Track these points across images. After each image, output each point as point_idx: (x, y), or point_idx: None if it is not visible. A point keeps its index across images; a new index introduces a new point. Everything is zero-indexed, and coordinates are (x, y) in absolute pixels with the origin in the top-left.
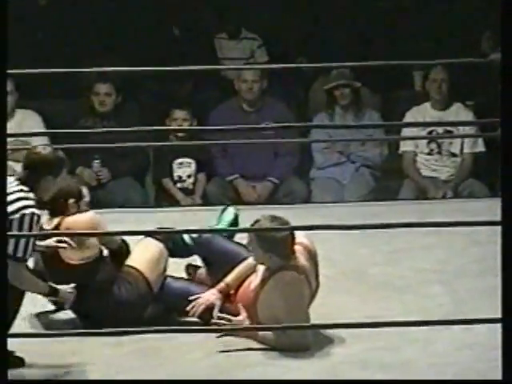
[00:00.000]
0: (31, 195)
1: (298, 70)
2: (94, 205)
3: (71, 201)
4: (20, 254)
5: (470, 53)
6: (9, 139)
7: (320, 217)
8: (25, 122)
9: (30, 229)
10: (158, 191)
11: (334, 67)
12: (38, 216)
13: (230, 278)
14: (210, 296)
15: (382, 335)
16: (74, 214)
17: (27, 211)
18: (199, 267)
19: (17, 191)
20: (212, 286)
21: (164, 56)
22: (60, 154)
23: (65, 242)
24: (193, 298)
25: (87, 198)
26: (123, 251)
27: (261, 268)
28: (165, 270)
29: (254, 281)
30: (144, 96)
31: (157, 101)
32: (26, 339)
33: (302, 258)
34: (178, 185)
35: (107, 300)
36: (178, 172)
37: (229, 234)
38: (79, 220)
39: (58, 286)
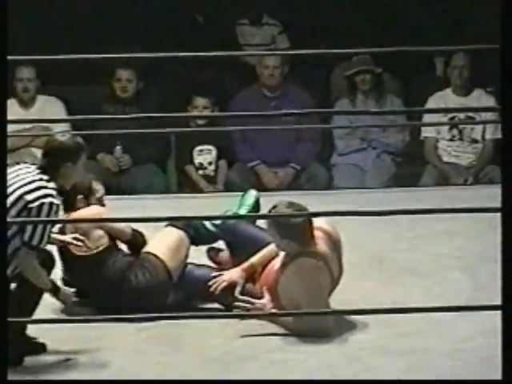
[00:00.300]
0: (51, 184)
1: (319, 56)
2: (116, 191)
3: (80, 196)
4: (35, 242)
5: (492, 39)
6: (30, 125)
7: (341, 203)
8: (46, 108)
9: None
10: (180, 178)
11: (355, 53)
12: (57, 205)
13: (254, 259)
14: (234, 274)
15: (403, 321)
16: (81, 208)
17: (46, 200)
18: (221, 250)
19: (37, 180)
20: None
21: (187, 42)
22: (79, 140)
23: (79, 240)
24: (215, 274)
25: (100, 193)
26: (138, 241)
27: (282, 252)
28: (186, 257)
29: (276, 264)
30: (166, 82)
31: (179, 87)
32: (48, 325)
33: (322, 244)
34: (200, 172)
35: (122, 288)
36: (198, 159)
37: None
38: (82, 214)
39: (62, 286)
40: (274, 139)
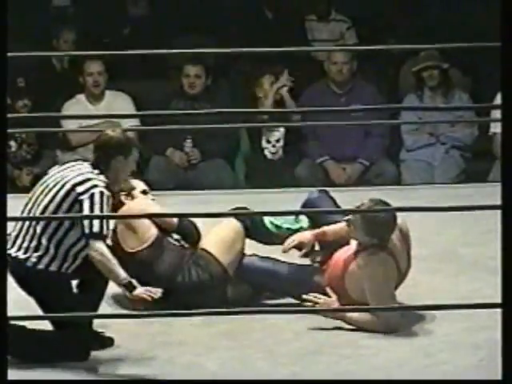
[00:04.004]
0: (101, 177)
1: (387, 52)
2: (185, 186)
3: (122, 193)
4: (96, 228)
5: None
6: (98, 121)
7: (410, 198)
8: (115, 103)
9: (102, 207)
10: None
11: (424, 48)
12: (108, 196)
13: (328, 227)
14: (303, 236)
15: (473, 316)
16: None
17: (96, 190)
18: None
19: (87, 172)
20: None
21: (256, 38)
22: (129, 135)
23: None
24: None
25: (141, 187)
26: (188, 230)
27: (353, 241)
28: (242, 249)
29: (344, 253)
30: (235, 77)
31: (247, 82)
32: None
33: (395, 240)
34: (269, 156)
35: (176, 285)
36: (266, 135)
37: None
38: (130, 207)
39: (137, 285)
40: (343, 135)
